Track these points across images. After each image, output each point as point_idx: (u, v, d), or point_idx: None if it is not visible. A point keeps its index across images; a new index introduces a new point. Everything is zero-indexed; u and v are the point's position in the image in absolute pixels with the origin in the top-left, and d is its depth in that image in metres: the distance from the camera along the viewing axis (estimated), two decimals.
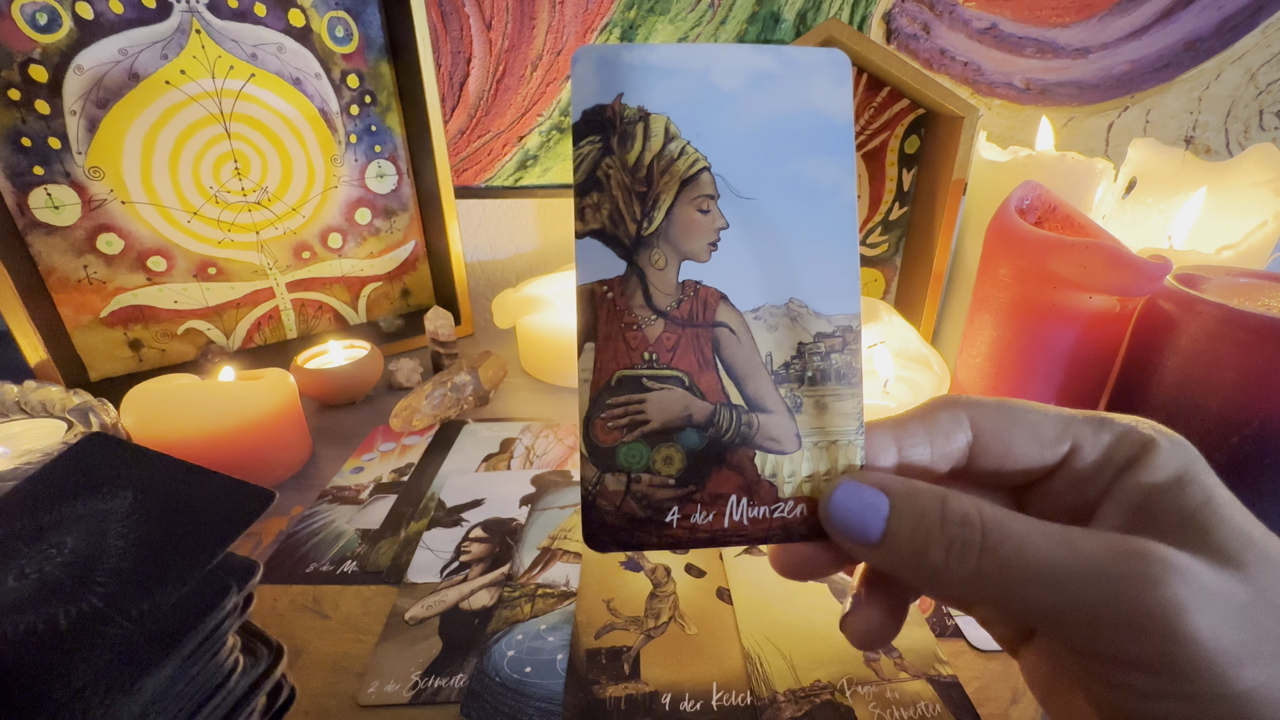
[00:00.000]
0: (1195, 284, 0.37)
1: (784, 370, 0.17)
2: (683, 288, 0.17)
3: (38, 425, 0.41)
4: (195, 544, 0.21)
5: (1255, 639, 0.14)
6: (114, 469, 0.26)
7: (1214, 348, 0.33)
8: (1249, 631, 0.14)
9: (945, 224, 0.50)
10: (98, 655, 0.19)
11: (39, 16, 0.44)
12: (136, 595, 0.20)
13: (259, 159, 0.55)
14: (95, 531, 0.23)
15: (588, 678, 0.28)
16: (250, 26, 0.51)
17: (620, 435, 0.17)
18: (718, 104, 0.16)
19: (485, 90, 0.65)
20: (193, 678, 0.19)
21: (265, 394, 0.41)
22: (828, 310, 0.17)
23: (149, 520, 0.23)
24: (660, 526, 0.17)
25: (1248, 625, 0.14)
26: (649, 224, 0.16)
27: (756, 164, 0.16)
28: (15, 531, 0.24)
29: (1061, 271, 0.36)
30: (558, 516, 0.39)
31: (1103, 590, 0.14)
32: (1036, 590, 0.15)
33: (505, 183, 0.70)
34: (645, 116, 0.16)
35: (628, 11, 0.61)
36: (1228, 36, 0.57)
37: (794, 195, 0.17)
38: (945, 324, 0.59)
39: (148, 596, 0.20)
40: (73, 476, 0.26)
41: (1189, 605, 0.13)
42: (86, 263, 0.50)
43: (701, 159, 0.16)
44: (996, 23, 0.59)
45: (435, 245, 0.65)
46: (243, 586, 0.20)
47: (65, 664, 0.19)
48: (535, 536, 0.37)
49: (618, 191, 0.16)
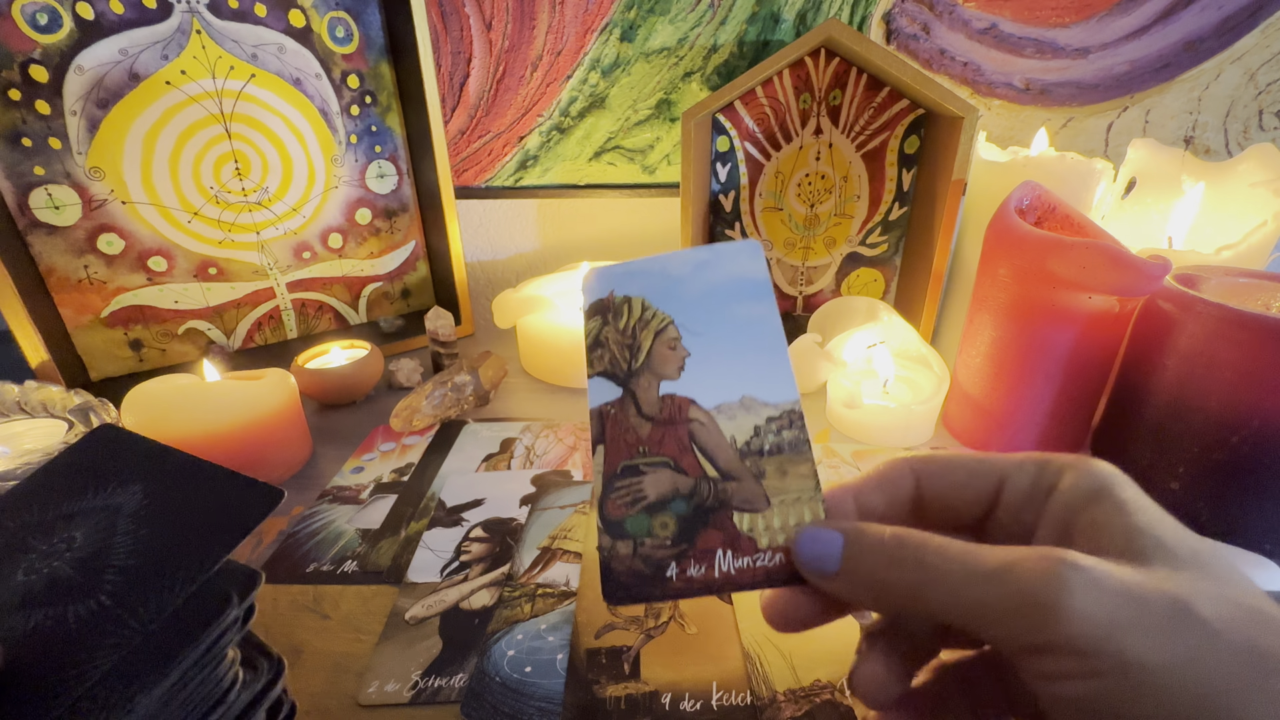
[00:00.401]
0: (1194, 284, 0.37)
1: (746, 447, 0.23)
2: (663, 400, 0.23)
3: (38, 425, 0.41)
4: (203, 543, 0.21)
5: (1140, 615, 0.15)
6: (124, 462, 0.25)
7: (1213, 347, 0.33)
8: (1134, 609, 0.15)
9: (945, 224, 0.50)
10: (101, 660, 0.18)
11: (39, 17, 0.44)
12: (144, 594, 0.20)
13: (259, 159, 0.55)
14: (104, 527, 0.23)
15: (588, 677, 0.29)
16: (250, 27, 0.51)
17: (626, 509, 0.22)
18: (674, 284, 0.25)
19: (485, 91, 0.65)
20: (191, 694, 0.19)
21: (266, 394, 0.41)
22: (773, 399, 0.23)
23: (157, 516, 0.22)
24: (663, 581, 0.21)
25: (1134, 604, 0.15)
26: (636, 362, 0.24)
27: (706, 313, 0.24)
28: (27, 524, 0.24)
29: (1061, 272, 0.36)
30: (558, 516, 0.39)
31: (1008, 587, 0.16)
32: (962, 592, 0.17)
33: (505, 183, 0.70)
34: (628, 300, 0.25)
35: (628, 12, 0.61)
36: (1227, 37, 0.57)
37: (735, 327, 0.24)
38: (945, 324, 0.59)
39: (155, 596, 0.19)
40: (84, 468, 0.25)
41: (1074, 588, 0.15)
42: (87, 263, 0.50)
43: (667, 317, 0.24)
44: (996, 23, 0.59)
45: (435, 245, 0.65)
46: (244, 598, 0.20)
47: (70, 667, 0.18)
48: (535, 536, 0.37)
49: (614, 347, 0.24)
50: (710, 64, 0.63)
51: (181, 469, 0.24)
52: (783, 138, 0.59)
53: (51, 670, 0.18)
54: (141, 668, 0.18)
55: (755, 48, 0.62)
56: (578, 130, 0.67)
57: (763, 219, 0.63)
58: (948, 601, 0.17)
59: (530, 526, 0.38)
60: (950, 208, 0.49)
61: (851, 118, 0.57)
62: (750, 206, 0.62)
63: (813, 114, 0.58)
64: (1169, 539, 0.17)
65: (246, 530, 0.21)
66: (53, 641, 0.19)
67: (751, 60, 0.62)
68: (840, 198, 0.61)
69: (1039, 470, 0.20)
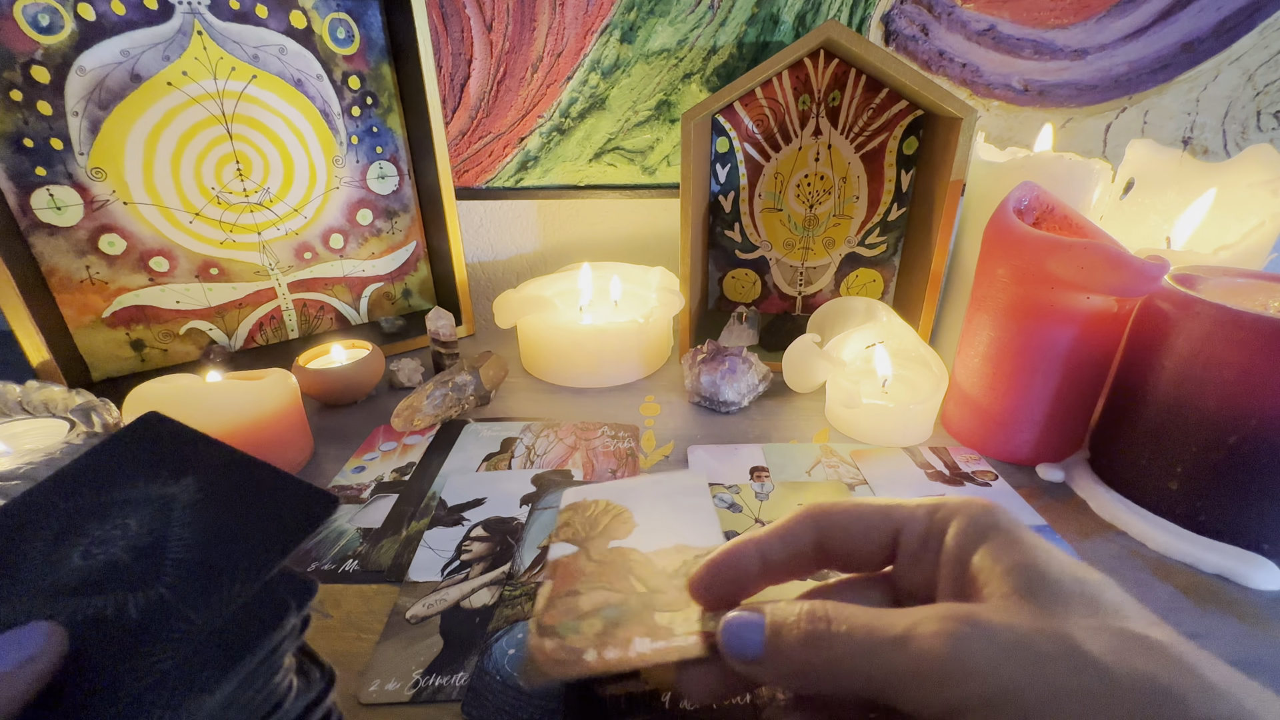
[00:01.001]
0: (1193, 284, 0.37)
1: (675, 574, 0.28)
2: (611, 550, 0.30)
3: (40, 425, 0.41)
4: (262, 546, 0.20)
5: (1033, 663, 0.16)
6: (175, 451, 0.25)
7: (1211, 348, 0.33)
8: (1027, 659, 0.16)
9: (943, 225, 0.50)
10: (162, 655, 0.17)
11: (41, 18, 0.44)
12: (204, 591, 0.19)
13: (261, 160, 0.55)
14: (159, 517, 0.22)
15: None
16: (252, 28, 0.51)
17: (560, 618, 0.26)
18: (631, 490, 0.36)
19: (486, 92, 0.65)
20: (249, 699, 0.18)
21: (267, 394, 0.41)
22: (701, 543, 0.30)
23: (212, 511, 0.22)
24: (581, 663, 0.23)
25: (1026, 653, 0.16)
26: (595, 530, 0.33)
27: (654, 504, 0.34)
28: (80, 506, 0.23)
29: (1059, 272, 0.37)
30: (558, 516, 0.39)
31: (910, 654, 0.17)
32: (872, 662, 0.18)
33: (506, 184, 0.70)
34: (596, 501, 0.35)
35: (628, 13, 0.61)
36: (1225, 37, 0.57)
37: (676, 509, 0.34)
38: (944, 324, 0.59)
39: (216, 594, 0.19)
40: (133, 455, 0.25)
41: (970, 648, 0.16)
42: (89, 263, 0.50)
43: (625, 507, 0.34)
44: (995, 24, 0.59)
45: (436, 246, 0.66)
46: (301, 606, 0.19)
47: (135, 658, 0.17)
48: (536, 535, 0.37)
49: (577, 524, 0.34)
50: (710, 65, 0.63)
51: (234, 465, 0.24)
52: (782, 139, 0.59)
53: (114, 660, 0.17)
54: (201, 668, 0.17)
55: (754, 49, 0.62)
56: (578, 131, 0.67)
57: (762, 219, 0.63)
58: (861, 673, 0.18)
59: (531, 526, 0.38)
60: (949, 208, 0.49)
61: (850, 119, 0.58)
62: (749, 207, 0.63)
63: (812, 115, 0.58)
64: (1054, 573, 0.18)
65: (305, 536, 0.20)
66: (115, 630, 0.18)
67: (751, 62, 0.62)
68: (839, 198, 0.61)
69: (929, 518, 0.21)
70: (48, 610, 0.19)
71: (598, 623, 0.26)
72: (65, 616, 0.19)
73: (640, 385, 0.56)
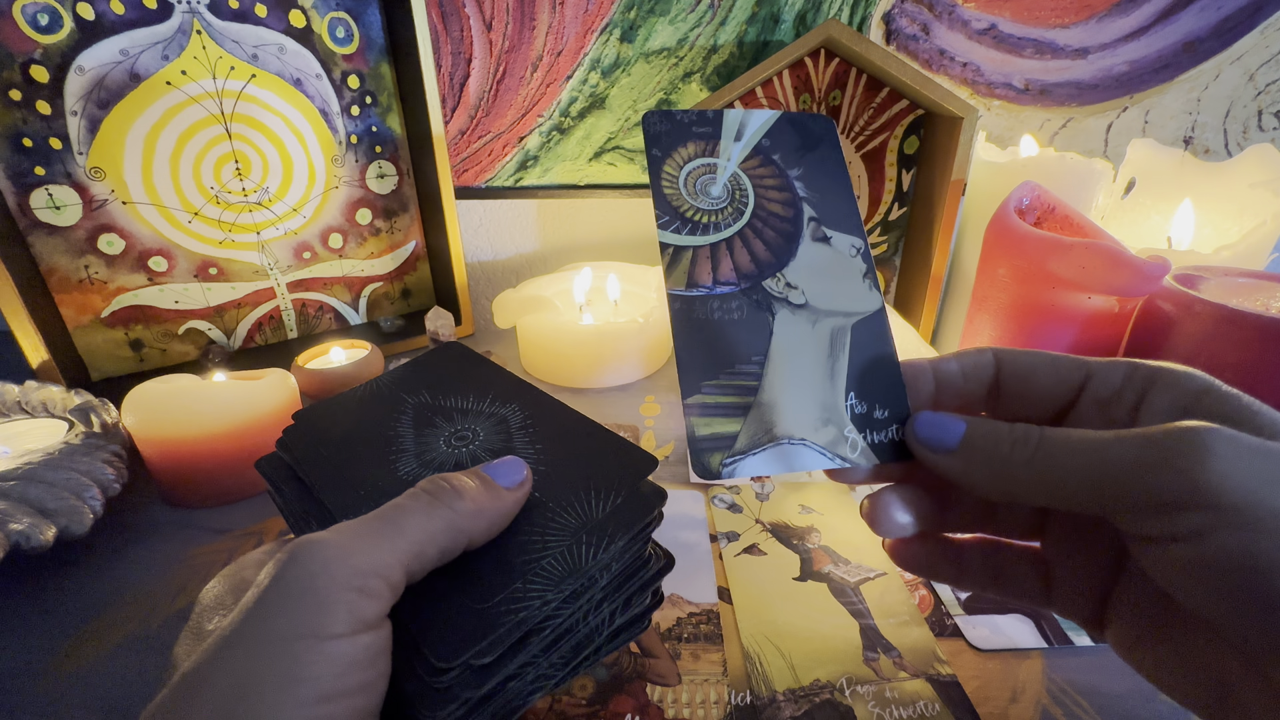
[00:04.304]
0: (1194, 284, 0.37)
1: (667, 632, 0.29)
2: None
3: (39, 425, 0.41)
4: (606, 477, 0.24)
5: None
6: (488, 380, 0.29)
7: (1213, 347, 0.33)
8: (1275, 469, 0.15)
9: (944, 224, 0.50)
10: (554, 541, 0.21)
11: (40, 17, 0.44)
12: (570, 505, 0.22)
13: (260, 159, 0.55)
14: (500, 430, 0.26)
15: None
16: (251, 27, 0.51)
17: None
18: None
19: (485, 91, 0.65)
20: (634, 553, 0.23)
21: (266, 394, 0.41)
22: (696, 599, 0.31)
23: (546, 438, 0.25)
24: None
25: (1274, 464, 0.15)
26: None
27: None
28: (424, 404, 0.27)
29: (1060, 272, 0.37)
30: None
31: (1142, 448, 0.16)
32: (1088, 459, 0.17)
33: (505, 183, 0.70)
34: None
35: (628, 12, 0.61)
36: (1226, 37, 0.57)
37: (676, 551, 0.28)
38: (945, 324, 0.59)
39: (582, 508, 0.22)
40: (454, 375, 0.29)
41: (1215, 447, 0.15)
42: (87, 263, 0.50)
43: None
44: (996, 23, 0.59)
45: (436, 245, 0.65)
46: (661, 504, 0.23)
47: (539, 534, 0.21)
48: None
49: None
50: (710, 64, 0.63)
51: (544, 402, 0.28)
52: None
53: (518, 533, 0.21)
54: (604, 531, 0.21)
55: (755, 48, 0.62)
56: (578, 130, 0.67)
57: None
58: (1074, 468, 0.17)
59: None
60: (950, 208, 0.49)
61: (851, 118, 0.57)
62: None
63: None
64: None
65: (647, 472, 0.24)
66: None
67: (751, 61, 0.62)
68: None
69: (1131, 369, 0.20)
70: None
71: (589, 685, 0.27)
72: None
73: (640, 385, 0.56)
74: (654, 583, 0.23)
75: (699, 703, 0.26)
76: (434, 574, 0.20)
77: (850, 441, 0.21)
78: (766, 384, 0.22)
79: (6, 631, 0.31)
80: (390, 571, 0.17)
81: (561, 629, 0.21)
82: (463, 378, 0.29)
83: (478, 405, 0.27)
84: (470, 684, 0.18)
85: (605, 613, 0.22)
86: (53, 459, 0.35)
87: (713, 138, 0.23)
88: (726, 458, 0.21)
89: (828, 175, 0.24)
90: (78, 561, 0.36)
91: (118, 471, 0.37)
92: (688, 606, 0.31)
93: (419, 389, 0.28)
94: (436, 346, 0.30)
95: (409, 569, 0.18)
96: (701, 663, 0.28)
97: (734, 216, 0.23)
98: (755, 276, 0.22)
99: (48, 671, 0.29)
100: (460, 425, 0.26)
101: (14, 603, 0.33)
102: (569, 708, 0.26)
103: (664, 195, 0.22)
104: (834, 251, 0.23)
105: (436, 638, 0.18)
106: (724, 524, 0.38)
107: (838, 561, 0.35)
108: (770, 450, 0.21)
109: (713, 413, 0.21)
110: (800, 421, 0.21)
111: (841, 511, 0.39)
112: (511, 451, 0.25)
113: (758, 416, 0.21)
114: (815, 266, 0.23)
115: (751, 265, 0.23)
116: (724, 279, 0.22)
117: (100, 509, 0.34)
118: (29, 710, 0.27)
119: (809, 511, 0.39)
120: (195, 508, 0.40)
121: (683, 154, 0.23)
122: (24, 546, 0.30)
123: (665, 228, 0.22)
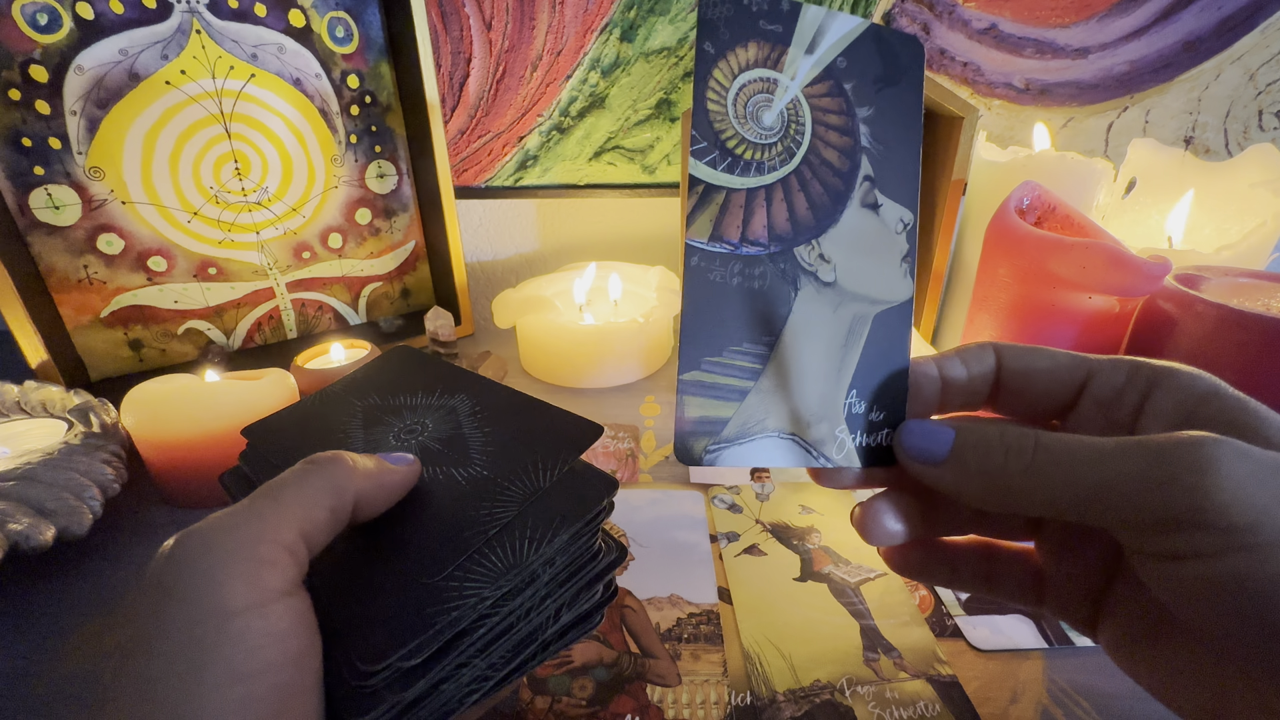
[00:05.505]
0: (1195, 284, 0.37)
1: (668, 633, 0.29)
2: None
3: (38, 425, 0.41)
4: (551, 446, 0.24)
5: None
6: (436, 376, 0.29)
7: (1214, 348, 0.33)
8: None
9: (945, 224, 0.50)
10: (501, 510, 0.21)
11: (39, 17, 0.44)
12: (516, 476, 0.23)
13: (259, 159, 0.55)
14: (449, 420, 0.26)
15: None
16: (250, 27, 0.51)
17: (552, 669, 0.27)
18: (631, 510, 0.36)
19: (485, 90, 0.65)
20: (582, 545, 0.22)
21: (265, 394, 0.41)
22: (696, 600, 0.31)
23: (494, 421, 0.26)
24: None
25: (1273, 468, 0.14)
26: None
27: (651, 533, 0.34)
28: (373, 406, 0.27)
29: (1061, 272, 0.36)
30: None
31: (1143, 462, 0.15)
32: (1085, 471, 0.16)
33: (505, 183, 0.70)
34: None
35: (628, 12, 0.61)
36: (1227, 37, 0.57)
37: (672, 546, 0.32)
38: (945, 324, 0.59)
39: (524, 477, 0.23)
40: (401, 376, 0.29)
41: (1221, 461, 0.14)
42: (87, 263, 0.50)
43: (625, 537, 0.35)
44: (996, 23, 0.59)
45: (435, 245, 0.65)
46: (611, 493, 0.23)
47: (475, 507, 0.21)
48: None
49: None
50: None
51: (492, 389, 0.28)
52: None
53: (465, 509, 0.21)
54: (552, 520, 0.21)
55: None
56: (578, 130, 0.67)
57: None
58: (1069, 481, 0.16)
59: None
60: (950, 208, 0.49)
61: None
62: None
63: None
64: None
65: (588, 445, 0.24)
66: (452, 489, 0.22)
67: None
68: None
69: (1134, 368, 0.19)
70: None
71: (589, 685, 0.27)
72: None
73: (640, 385, 0.56)
74: (604, 576, 0.23)
75: (699, 703, 0.26)
76: (372, 559, 0.20)
77: (839, 442, 0.20)
78: (771, 369, 0.19)
79: (5, 632, 0.31)
80: (280, 534, 0.17)
81: (500, 628, 0.20)
82: (411, 377, 0.29)
83: (426, 400, 0.27)
84: (398, 686, 0.17)
85: (550, 609, 0.21)
86: (52, 459, 0.35)
87: (781, 42, 0.18)
88: (711, 444, 0.19)
89: (900, 123, 0.20)
90: (77, 562, 0.36)
91: (117, 472, 0.37)
92: (688, 607, 0.31)
93: (368, 392, 0.28)
94: (386, 352, 0.30)
95: (303, 530, 0.18)
96: (701, 663, 0.28)
97: (783, 158, 0.19)
98: (788, 240, 0.19)
99: (47, 672, 0.29)
100: (410, 420, 0.26)
101: (13, 603, 0.33)
102: (569, 708, 0.26)
103: (706, 112, 0.18)
104: (879, 223, 0.20)
105: (361, 638, 0.18)
106: (724, 524, 0.38)
107: (838, 562, 0.35)
108: (757, 441, 0.19)
109: (708, 393, 0.19)
110: (795, 415, 0.20)
111: (842, 512, 0.39)
112: (461, 437, 0.25)
113: (753, 404, 0.19)
114: (855, 238, 0.20)
115: (788, 225, 0.19)
116: (753, 237, 0.19)
117: (99, 509, 0.34)
118: (29, 711, 0.27)
119: (809, 512, 0.39)
120: (195, 508, 0.40)
121: (740, 57, 0.18)
122: (23, 546, 0.30)
123: (700, 157, 0.18)
